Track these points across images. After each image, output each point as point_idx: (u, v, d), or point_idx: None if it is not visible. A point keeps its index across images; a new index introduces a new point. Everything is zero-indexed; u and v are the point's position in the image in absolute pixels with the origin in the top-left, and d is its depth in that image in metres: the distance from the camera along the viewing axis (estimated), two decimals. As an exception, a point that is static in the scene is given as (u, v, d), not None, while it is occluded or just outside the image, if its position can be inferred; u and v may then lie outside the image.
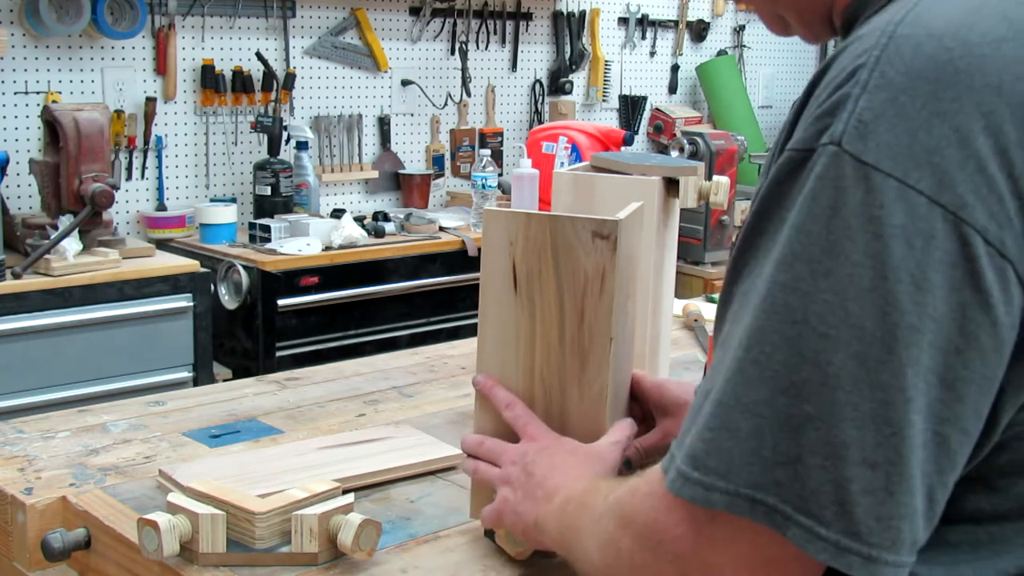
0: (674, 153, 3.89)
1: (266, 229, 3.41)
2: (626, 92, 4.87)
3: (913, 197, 0.69)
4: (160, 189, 3.63)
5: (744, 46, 5.28)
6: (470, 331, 3.53)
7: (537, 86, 4.57)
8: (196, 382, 3.06)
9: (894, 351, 0.69)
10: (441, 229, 3.71)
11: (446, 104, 4.28)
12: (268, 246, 3.35)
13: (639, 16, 4.85)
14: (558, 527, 0.99)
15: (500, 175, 3.91)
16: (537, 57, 4.57)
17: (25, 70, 3.33)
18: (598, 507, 0.91)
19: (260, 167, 3.66)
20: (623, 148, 4.01)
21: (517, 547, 1.12)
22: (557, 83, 4.60)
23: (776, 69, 5.47)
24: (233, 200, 3.72)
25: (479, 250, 1.13)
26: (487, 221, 1.11)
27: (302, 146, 3.76)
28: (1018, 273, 0.70)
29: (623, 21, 4.83)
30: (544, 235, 1.08)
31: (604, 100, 4.79)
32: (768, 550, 0.74)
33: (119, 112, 3.46)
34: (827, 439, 0.70)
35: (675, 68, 5.03)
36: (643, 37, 4.90)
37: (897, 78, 0.71)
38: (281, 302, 3.25)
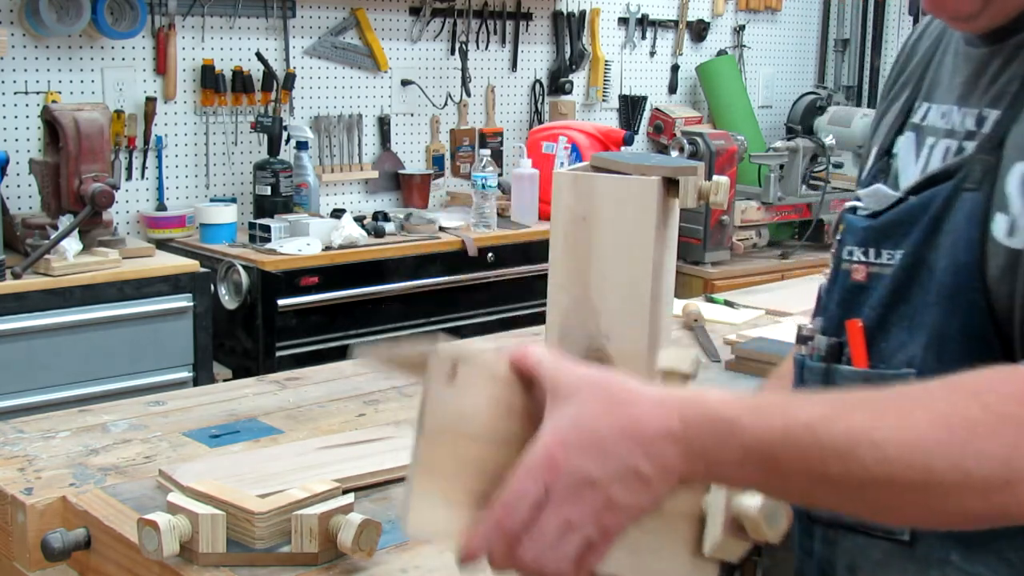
0: (674, 153, 3.89)
1: (266, 229, 3.41)
2: (626, 92, 4.86)
3: None
4: (160, 189, 3.63)
5: (744, 46, 5.27)
6: (470, 331, 3.53)
7: (537, 86, 4.57)
8: (196, 382, 3.06)
9: None
10: (441, 229, 3.70)
11: (446, 104, 4.28)
12: (268, 246, 3.34)
13: (639, 16, 4.85)
14: (795, 448, 0.75)
15: (500, 175, 3.91)
16: (537, 57, 4.57)
17: (25, 70, 3.32)
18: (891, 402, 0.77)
19: (260, 167, 3.66)
20: (623, 148, 4.00)
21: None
22: (557, 83, 4.60)
23: (776, 69, 5.47)
24: (233, 200, 3.71)
25: (479, 250, 1.14)
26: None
27: (302, 146, 3.75)
28: None
29: (623, 21, 4.83)
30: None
31: (604, 100, 4.79)
32: None
33: (119, 112, 3.46)
34: None
35: (675, 68, 5.03)
36: (643, 37, 4.90)
37: None
38: (281, 302, 3.25)
